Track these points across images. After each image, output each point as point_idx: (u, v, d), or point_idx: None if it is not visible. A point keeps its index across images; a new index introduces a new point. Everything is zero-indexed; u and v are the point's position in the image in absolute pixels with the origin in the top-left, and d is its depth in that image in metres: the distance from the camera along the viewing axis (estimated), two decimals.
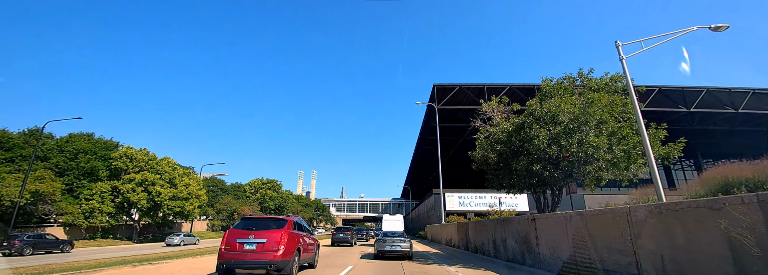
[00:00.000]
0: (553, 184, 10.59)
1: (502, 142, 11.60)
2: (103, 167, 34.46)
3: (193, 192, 38.08)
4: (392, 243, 14.20)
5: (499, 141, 11.75)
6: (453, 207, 39.55)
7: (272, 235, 8.09)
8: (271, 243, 7.94)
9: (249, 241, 7.99)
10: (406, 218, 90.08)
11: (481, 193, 40.73)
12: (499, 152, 12.04)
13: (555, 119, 9.76)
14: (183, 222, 47.50)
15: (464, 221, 21.69)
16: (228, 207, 53.57)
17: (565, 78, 12.35)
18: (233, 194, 61.32)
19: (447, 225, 25.30)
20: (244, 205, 55.64)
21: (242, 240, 8.01)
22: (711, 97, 40.53)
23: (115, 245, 30.04)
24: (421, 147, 63.55)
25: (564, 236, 8.21)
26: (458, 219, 29.97)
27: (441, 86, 43.08)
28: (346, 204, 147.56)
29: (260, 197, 61.80)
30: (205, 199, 42.48)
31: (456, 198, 40.05)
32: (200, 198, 40.67)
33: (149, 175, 34.86)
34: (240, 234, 8.21)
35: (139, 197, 33.59)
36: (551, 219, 9.04)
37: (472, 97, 43.81)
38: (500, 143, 11.77)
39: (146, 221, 37.98)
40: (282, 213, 66.74)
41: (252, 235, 8.12)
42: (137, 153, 36.24)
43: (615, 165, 9.65)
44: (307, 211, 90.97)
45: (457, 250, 19.99)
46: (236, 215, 54.23)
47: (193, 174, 42.87)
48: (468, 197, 40.23)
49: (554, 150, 9.41)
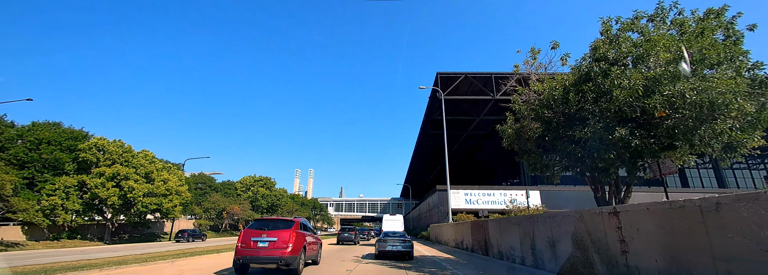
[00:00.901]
0: (645, 157, 7.06)
1: (552, 105, 8.14)
2: (69, 159, 30.83)
3: (172, 189, 34.48)
4: (393, 243, 14.19)
5: (547, 105, 8.30)
6: (459, 205, 36.03)
7: (282, 234, 8.97)
8: (281, 242, 8.82)
9: (262, 240, 8.85)
10: (405, 218, 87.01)
11: (490, 190, 37.22)
12: (547, 120, 8.55)
13: (645, 60, 6.36)
14: (165, 222, 43.89)
15: (477, 219, 18.20)
16: (216, 206, 49.98)
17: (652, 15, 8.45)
18: (223, 192, 57.71)
19: (456, 225, 21.79)
20: (234, 204, 52.05)
21: (256, 239, 8.86)
22: None
23: (75, 247, 26.44)
24: (423, 143, 59.94)
25: (698, 239, 4.70)
26: (468, 217, 26.50)
27: (445, 74, 39.54)
28: (344, 204, 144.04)
29: (252, 195, 58.18)
30: (188, 196, 38.90)
31: (462, 195, 36.52)
32: (182, 195, 37.10)
33: (122, 169, 31.25)
34: (254, 233, 9.06)
35: (109, 193, 29.99)
36: (660, 211, 5.51)
37: (478, 86, 40.24)
38: (548, 107, 8.32)
39: (119, 220, 34.33)
40: (275, 212, 63.18)
41: (264, 234, 8.98)
42: (110, 145, 32.64)
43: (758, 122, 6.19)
44: (303, 211, 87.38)
45: (470, 254, 16.50)
46: (225, 214, 50.71)
47: (175, 169, 39.27)
48: (475, 194, 36.71)
49: (656, 100, 5.96)
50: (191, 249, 20.43)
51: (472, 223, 17.63)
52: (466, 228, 18.92)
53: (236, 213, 51.11)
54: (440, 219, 35.63)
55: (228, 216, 50.98)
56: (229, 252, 15.53)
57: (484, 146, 58.75)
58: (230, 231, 55.71)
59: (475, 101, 41.72)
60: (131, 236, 37.41)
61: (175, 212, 35.30)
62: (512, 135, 10.34)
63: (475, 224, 17.02)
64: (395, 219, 30.17)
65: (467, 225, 18.66)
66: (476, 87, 40.46)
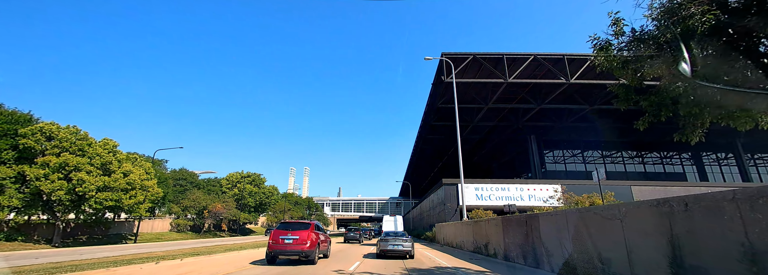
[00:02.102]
0: None
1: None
2: (7, 146, 25.85)
3: (135, 182, 29.50)
4: (394, 242, 14.61)
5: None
6: (469, 202, 31.21)
7: (302, 234, 11.79)
8: (302, 239, 11.60)
9: (287, 237, 11.65)
10: (405, 218, 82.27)
11: (503, 184, 32.40)
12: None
13: None
14: (133, 221, 38.91)
15: (512, 215, 13.38)
16: (196, 204, 45.00)
17: None
18: (206, 189, 52.71)
19: (475, 224, 17.00)
20: (217, 201, 47.07)
21: (283, 237, 11.67)
22: None
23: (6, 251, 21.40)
24: (424, 137, 54.85)
25: None
26: (485, 214, 21.79)
27: (451, 55, 34.52)
28: (341, 204, 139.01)
29: (238, 192, 53.15)
30: (158, 192, 33.98)
31: (472, 190, 31.71)
32: (150, 191, 32.20)
33: (72, 159, 26.31)
34: (281, 232, 11.89)
35: (54, 186, 25.06)
36: None
37: (488, 68, 35.26)
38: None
39: (66, 219, 29.22)
40: (264, 210, 58.22)
41: (289, 233, 11.78)
42: (61, 131, 27.66)
43: None
44: (296, 210, 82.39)
45: (509, 265, 11.65)
46: (206, 213, 45.72)
47: (143, 160, 34.29)
48: (487, 189, 31.91)
49: None
50: (145, 254, 15.47)
51: (503, 220, 12.81)
52: (491, 228, 14.12)
53: (219, 212, 46.14)
54: (447, 218, 30.85)
55: (210, 216, 45.99)
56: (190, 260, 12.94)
57: (489, 140, 53.94)
58: (214, 232, 50.75)
59: (484, 86, 36.80)
60: (91, 238, 32.40)
61: (139, 210, 30.36)
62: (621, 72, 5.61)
63: (511, 221, 12.18)
64: (395, 220, 30.65)
65: (494, 224, 13.86)
66: (486, 70, 35.52)
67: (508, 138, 52.14)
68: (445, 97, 38.22)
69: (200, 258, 13.62)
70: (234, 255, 15.57)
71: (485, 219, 15.70)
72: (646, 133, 45.74)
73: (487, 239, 14.82)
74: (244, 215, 52.85)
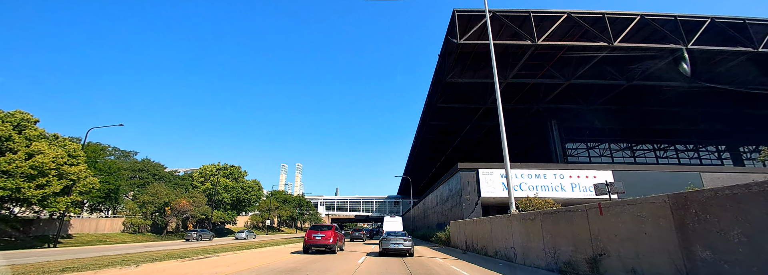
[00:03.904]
0: None
1: None
2: None
3: (47, 167, 21.85)
4: (395, 241, 15.57)
5: None
6: (493, 192, 23.88)
7: (327, 233, 16.69)
8: (327, 237, 16.46)
9: (317, 235, 16.54)
10: (403, 217, 76.12)
11: (538, 170, 24.94)
12: None
13: None
14: (70, 221, 31.20)
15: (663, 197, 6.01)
16: (156, 199, 37.31)
17: None
18: (173, 182, 44.99)
19: (535, 220, 9.57)
20: (183, 197, 39.38)
21: (314, 235, 16.56)
22: None
23: None
24: (428, 124, 46.98)
25: None
26: (543, 203, 14.44)
27: (464, 12, 27.03)
28: (337, 203, 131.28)
29: (211, 187, 45.41)
30: (93, 182, 26.44)
31: (497, 177, 24.30)
32: (82, 182, 24.71)
33: None
34: (313, 232, 16.85)
35: None
36: None
37: (513, 28, 27.73)
38: None
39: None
40: (244, 208, 50.51)
41: (319, 232, 16.70)
42: None
43: None
44: (285, 208, 74.76)
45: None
46: (169, 210, 38.03)
47: (65, 141, 26.63)
48: (516, 176, 24.49)
49: None
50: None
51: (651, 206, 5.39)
52: (575, 226, 6.72)
53: (185, 209, 38.46)
54: (464, 213, 23.49)
55: (173, 213, 38.30)
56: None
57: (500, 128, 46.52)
58: (182, 233, 43.06)
59: (503, 55, 29.41)
60: (11, 241, 24.64)
61: (56, 204, 22.75)
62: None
63: (674, 206, 4.72)
64: (395, 221, 33.42)
65: (651, 211, 6.35)
66: (508, 31, 28.07)
67: (523, 125, 44.75)
68: (455, 70, 30.84)
69: None
70: None
71: (558, 212, 8.25)
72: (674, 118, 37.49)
73: (573, 244, 7.49)
74: (219, 213, 45.16)
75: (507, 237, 11.94)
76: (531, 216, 10.16)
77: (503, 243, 12.33)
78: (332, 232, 16.68)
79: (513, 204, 12.24)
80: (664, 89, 32.50)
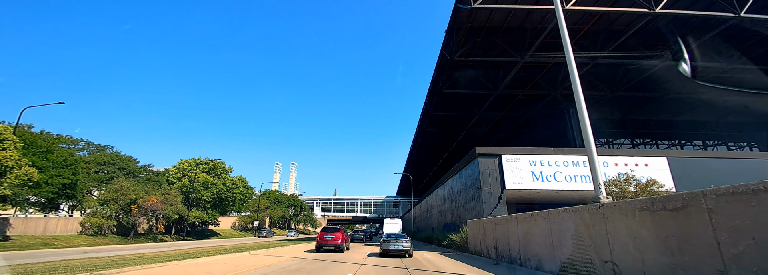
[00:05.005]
0: None
1: None
2: None
3: None
4: (395, 243, 16.24)
5: None
6: (520, 184, 19.02)
7: (336, 234, 19.21)
8: (336, 238, 19.06)
9: (328, 236, 19.21)
10: (403, 218, 70.19)
11: (576, 156, 20.02)
12: None
13: None
14: (10, 221, 26.24)
15: None
16: (121, 196, 32.29)
17: None
18: (145, 178, 39.94)
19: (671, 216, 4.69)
20: (154, 194, 34.35)
21: (325, 236, 19.26)
22: None
23: None
24: (431, 115, 42.03)
25: None
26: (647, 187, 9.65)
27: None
28: (333, 203, 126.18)
29: (188, 183, 40.36)
30: (30, 173, 21.66)
31: (526, 164, 19.42)
32: (12, 171, 19.88)
33: None
34: (325, 233, 19.49)
35: None
36: None
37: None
38: None
39: None
40: (225, 208, 45.44)
41: (329, 234, 19.30)
42: None
43: None
44: (276, 209, 69.72)
45: None
46: (135, 208, 33.01)
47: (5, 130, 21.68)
48: (549, 163, 19.58)
49: None
50: None
51: None
52: None
53: (155, 208, 33.43)
54: (483, 210, 18.66)
55: (141, 212, 33.25)
56: None
57: (510, 118, 42.08)
58: (155, 235, 38.00)
59: (522, 24, 24.68)
60: None
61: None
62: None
63: None
64: (395, 223, 36.00)
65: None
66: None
67: (536, 114, 39.91)
68: (464, 48, 26.16)
69: None
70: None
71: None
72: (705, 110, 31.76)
73: None
74: (197, 213, 40.11)
75: (594, 243, 7.10)
76: (666, 202, 5.33)
77: (583, 253, 7.50)
78: (341, 234, 19.47)
79: (601, 186, 7.39)
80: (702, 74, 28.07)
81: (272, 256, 16.02)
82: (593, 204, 7.18)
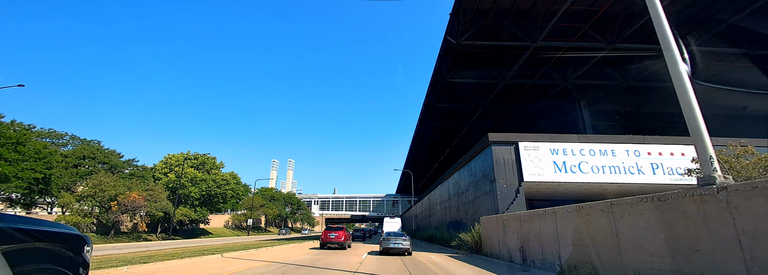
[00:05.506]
0: None
1: None
2: None
3: None
4: (395, 241, 16.50)
5: None
6: (540, 176, 16.61)
7: (340, 233, 20.76)
8: (339, 236, 20.57)
9: (332, 234, 20.61)
10: (403, 217, 68.20)
11: (603, 144, 17.58)
12: None
13: None
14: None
15: None
16: (99, 192, 29.79)
17: None
18: (129, 173, 37.45)
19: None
20: (136, 190, 31.84)
21: (330, 235, 20.63)
22: None
23: None
24: (433, 107, 39.52)
25: None
26: None
27: None
28: (332, 201, 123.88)
29: (174, 179, 37.86)
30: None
31: (547, 153, 17.00)
32: None
33: None
34: (329, 232, 20.89)
35: None
36: None
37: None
38: None
39: None
40: (216, 205, 42.96)
41: (333, 233, 20.74)
42: None
43: None
44: (271, 207, 67.23)
45: None
46: (114, 205, 30.53)
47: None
48: (573, 151, 17.14)
49: None
50: None
51: None
52: None
53: (137, 205, 30.95)
54: (498, 206, 16.25)
55: (121, 209, 30.76)
56: None
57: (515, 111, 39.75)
58: (139, 234, 35.55)
59: (533, 6, 22.33)
60: None
61: None
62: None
63: None
64: (395, 222, 37.55)
65: None
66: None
67: (544, 107, 37.42)
68: (470, 32, 23.77)
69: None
70: None
71: None
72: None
73: None
74: (184, 210, 37.62)
75: (708, 246, 4.68)
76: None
77: (682, 261, 5.06)
78: (344, 232, 20.94)
79: (714, 161, 4.98)
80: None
81: (247, 260, 12.82)
82: (705, 187, 4.76)
